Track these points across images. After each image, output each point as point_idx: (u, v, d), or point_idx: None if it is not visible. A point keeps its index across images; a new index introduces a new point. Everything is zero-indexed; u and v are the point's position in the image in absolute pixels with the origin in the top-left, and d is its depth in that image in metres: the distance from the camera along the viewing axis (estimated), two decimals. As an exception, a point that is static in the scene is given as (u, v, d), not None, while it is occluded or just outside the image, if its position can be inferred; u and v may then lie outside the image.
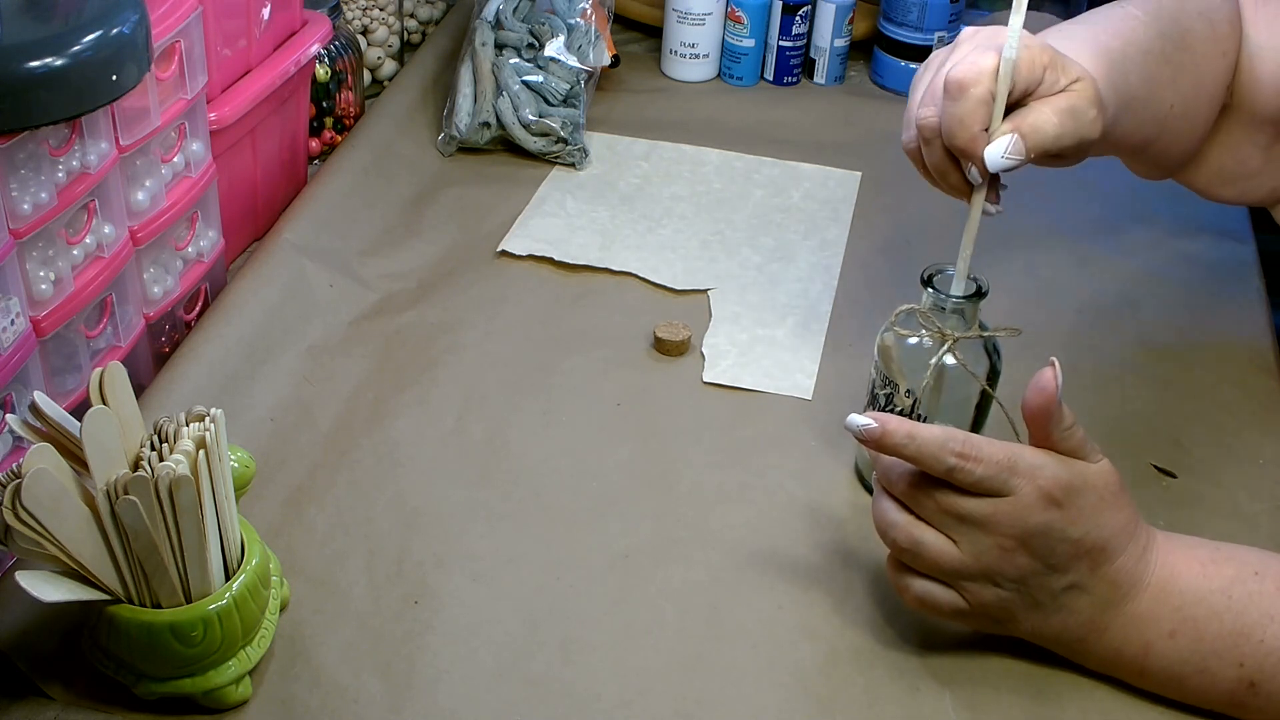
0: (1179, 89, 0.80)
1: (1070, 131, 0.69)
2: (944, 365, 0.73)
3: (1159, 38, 0.79)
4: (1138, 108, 0.77)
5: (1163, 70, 0.79)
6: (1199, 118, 0.83)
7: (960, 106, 0.68)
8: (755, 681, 0.69)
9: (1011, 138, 0.67)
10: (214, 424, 0.63)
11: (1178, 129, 0.82)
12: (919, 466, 0.64)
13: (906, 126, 0.73)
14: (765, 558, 0.76)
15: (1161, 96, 0.79)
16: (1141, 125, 0.79)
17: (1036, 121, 0.68)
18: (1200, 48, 0.81)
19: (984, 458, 0.63)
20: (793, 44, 1.30)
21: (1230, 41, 0.83)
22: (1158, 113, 0.79)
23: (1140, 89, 0.77)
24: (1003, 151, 0.68)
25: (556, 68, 1.14)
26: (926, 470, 0.64)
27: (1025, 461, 0.63)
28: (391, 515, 0.78)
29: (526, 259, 1.02)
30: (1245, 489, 0.82)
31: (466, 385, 0.89)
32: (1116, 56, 0.75)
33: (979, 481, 0.63)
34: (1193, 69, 0.81)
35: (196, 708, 0.65)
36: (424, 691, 0.67)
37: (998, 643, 0.71)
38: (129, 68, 0.69)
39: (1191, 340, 0.96)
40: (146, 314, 0.86)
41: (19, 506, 0.57)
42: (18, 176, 0.69)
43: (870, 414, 0.65)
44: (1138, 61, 0.77)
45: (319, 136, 1.15)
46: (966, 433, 0.64)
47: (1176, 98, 0.80)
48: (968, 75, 0.68)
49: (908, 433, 0.63)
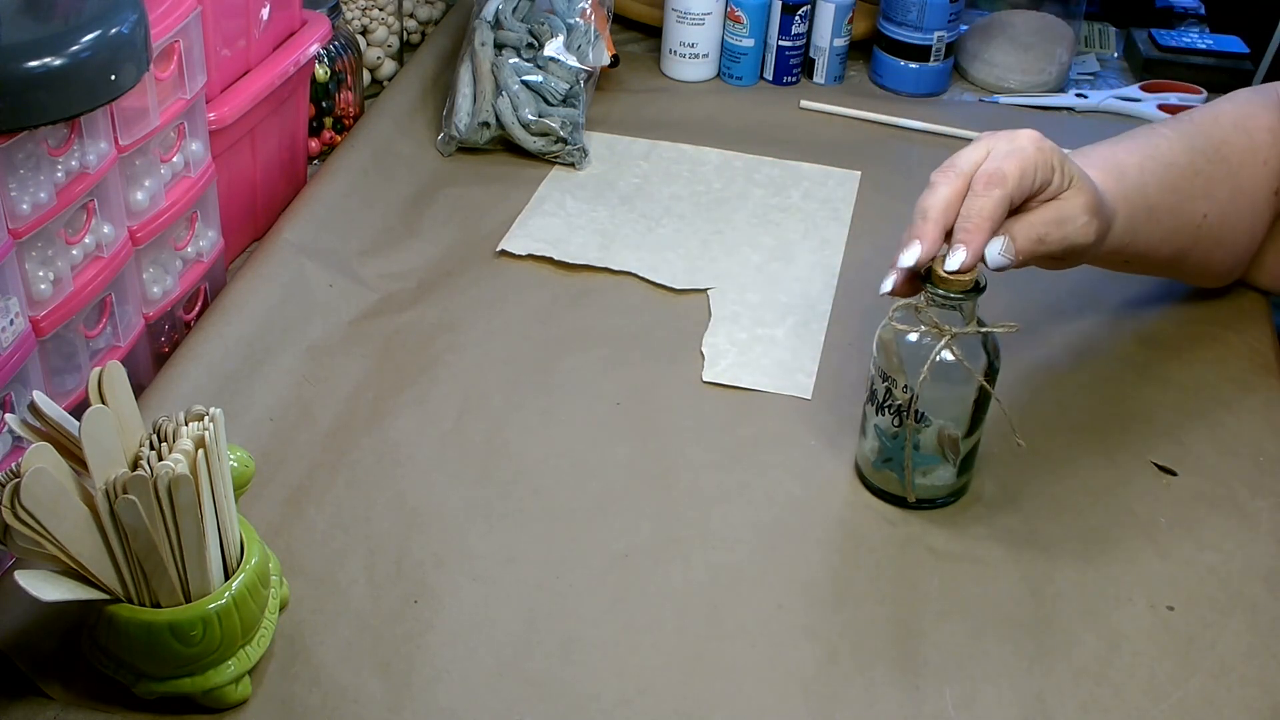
0: (1213, 199, 0.85)
1: (1057, 239, 0.74)
2: (942, 361, 0.73)
3: (1187, 152, 0.84)
4: (1162, 217, 0.83)
5: (1192, 183, 0.84)
6: (1241, 225, 0.88)
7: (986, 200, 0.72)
8: (755, 681, 0.69)
9: (1004, 239, 0.72)
10: (213, 423, 0.63)
11: (1217, 237, 0.87)
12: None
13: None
14: (765, 557, 0.76)
15: (1191, 208, 0.84)
16: (1171, 234, 0.84)
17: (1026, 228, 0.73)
18: (1237, 158, 0.86)
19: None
20: (792, 44, 1.30)
21: (1271, 150, 0.88)
22: (1189, 222, 0.85)
23: (1163, 199, 0.82)
24: (999, 250, 0.72)
25: (556, 67, 1.14)
26: None
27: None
28: (391, 515, 0.78)
29: (526, 259, 1.02)
30: (1246, 486, 0.82)
31: (466, 385, 0.89)
32: (1131, 170, 0.81)
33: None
34: (1228, 179, 0.86)
35: (196, 707, 0.65)
36: (424, 691, 0.67)
37: (998, 641, 0.71)
38: (128, 67, 0.69)
39: (1192, 339, 0.96)
40: (146, 314, 0.86)
41: (18, 506, 0.57)
42: (17, 176, 0.69)
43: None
44: (1158, 175, 0.82)
45: (318, 136, 1.15)
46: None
47: (1210, 208, 0.85)
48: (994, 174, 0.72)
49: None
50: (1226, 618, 0.73)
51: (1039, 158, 0.72)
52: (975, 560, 0.76)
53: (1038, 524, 0.79)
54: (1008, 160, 0.72)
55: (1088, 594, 0.74)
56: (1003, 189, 0.71)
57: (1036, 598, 0.74)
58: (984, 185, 0.72)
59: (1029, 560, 0.76)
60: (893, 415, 0.76)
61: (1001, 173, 0.71)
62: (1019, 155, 0.72)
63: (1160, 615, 0.73)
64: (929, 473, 0.78)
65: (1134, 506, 0.81)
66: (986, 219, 0.71)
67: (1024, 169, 0.72)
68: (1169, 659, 0.71)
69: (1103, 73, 1.40)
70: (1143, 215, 0.81)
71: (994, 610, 0.73)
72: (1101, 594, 0.74)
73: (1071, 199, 0.74)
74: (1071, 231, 0.74)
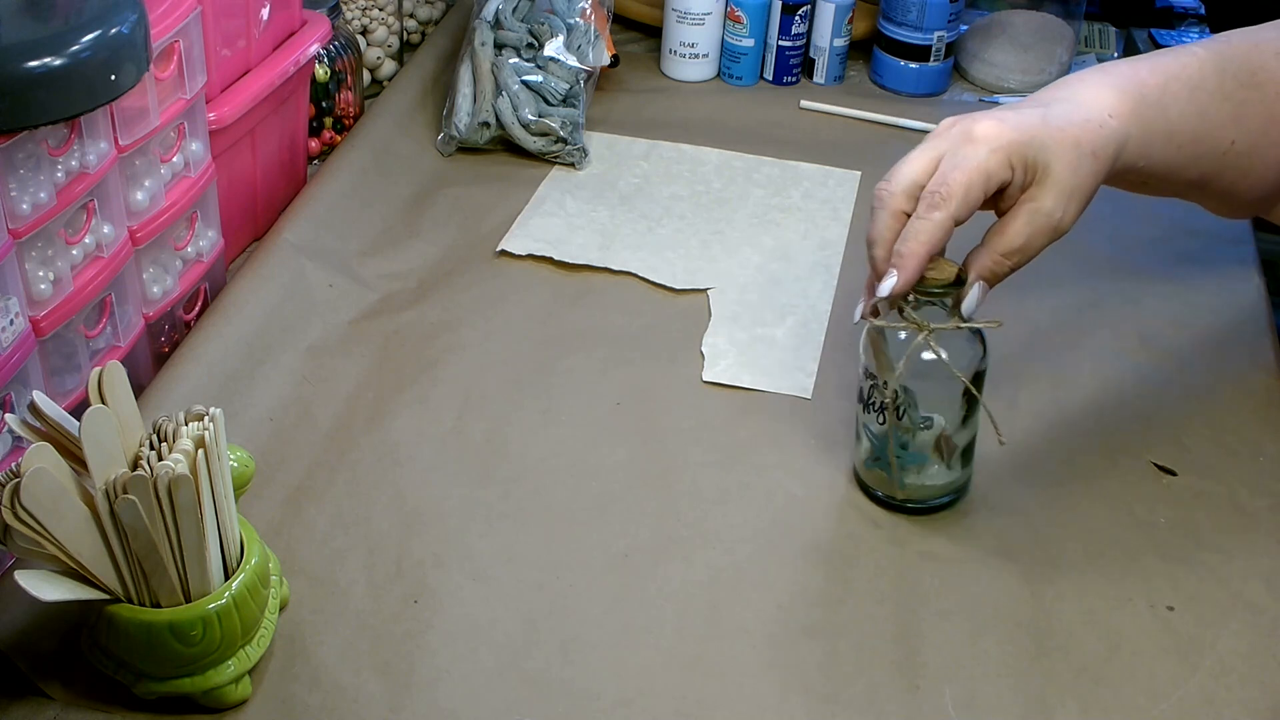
0: (1243, 126, 0.81)
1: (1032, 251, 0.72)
2: (924, 358, 0.73)
3: (1217, 74, 0.80)
4: (1184, 141, 0.79)
5: (1221, 107, 0.80)
6: (1272, 156, 0.83)
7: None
8: (755, 681, 0.69)
9: (978, 287, 0.72)
10: (213, 423, 0.63)
11: (1244, 166, 0.83)
12: None
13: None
14: (765, 557, 0.76)
15: (1219, 134, 0.81)
16: (1194, 159, 0.80)
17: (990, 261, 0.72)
18: (1274, 86, 0.82)
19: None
20: (792, 44, 1.30)
21: None
22: (1214, 148, 0.81)
23: (1186, 123, 0.79)
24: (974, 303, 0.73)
25: (556, 67, 1.14)
26: None
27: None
28: (391, 515, 0.78)
29: (526, 259, 1.02)
30: (1246, 486, 0.82)
31: (466, 385, 0.89)
32: (1152, 90, 0.78)
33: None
34: (1261, 107, 0.82)
35: (196, 707, 0.65)
36: (424, 691, 0.67)
37: (998, 641, 0.71)
38: (128, 67, 0.69)
39: (1191, 339, 0.96)
40: (146, 314, 0.86)
41: (18, 506, 0.57)
42: (17, 176, 0.69)
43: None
44: (1183, 97, 0.79)
45: (318, 136, 1.15)
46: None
47: (1239, 133, 0.81)
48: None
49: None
50: (1226, 618, 0.73)
51: (992, 160, 0.70)
52: (975, 560, 0.76)
53: (1038, 524, 0.79)
54: (955, 173, 0.70)
55: (1088, 594, 0.74)
56: (944, 211, 0.69)
57: (1036, 598, 0.74)
58: (926, 207, 0.70)
59: (1029, 560, 0.76)
60: (878, 413, 0.76)
61: (945, 193, 0.70)
62: (966, 167, 0.70)
63: (1160, 615, 0.73)
64: (921, 471, 0.78)
65: (1134, 506, 0.81)
66: (923, 244, 0.70)
67: (970, 183, 0.69)
68: (1169, 659, 0.71)
69: (1103, 73, 1.40)
70: (1161, 137, 0.78)
71: (994, 610, 0.73)
72: (1101, 594, 0.74)
73: (1040, 195, 0.71)
74: (1042, 233, 0.72)
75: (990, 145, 0.70)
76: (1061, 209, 0.72)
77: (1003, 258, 0.72)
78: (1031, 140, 0.71)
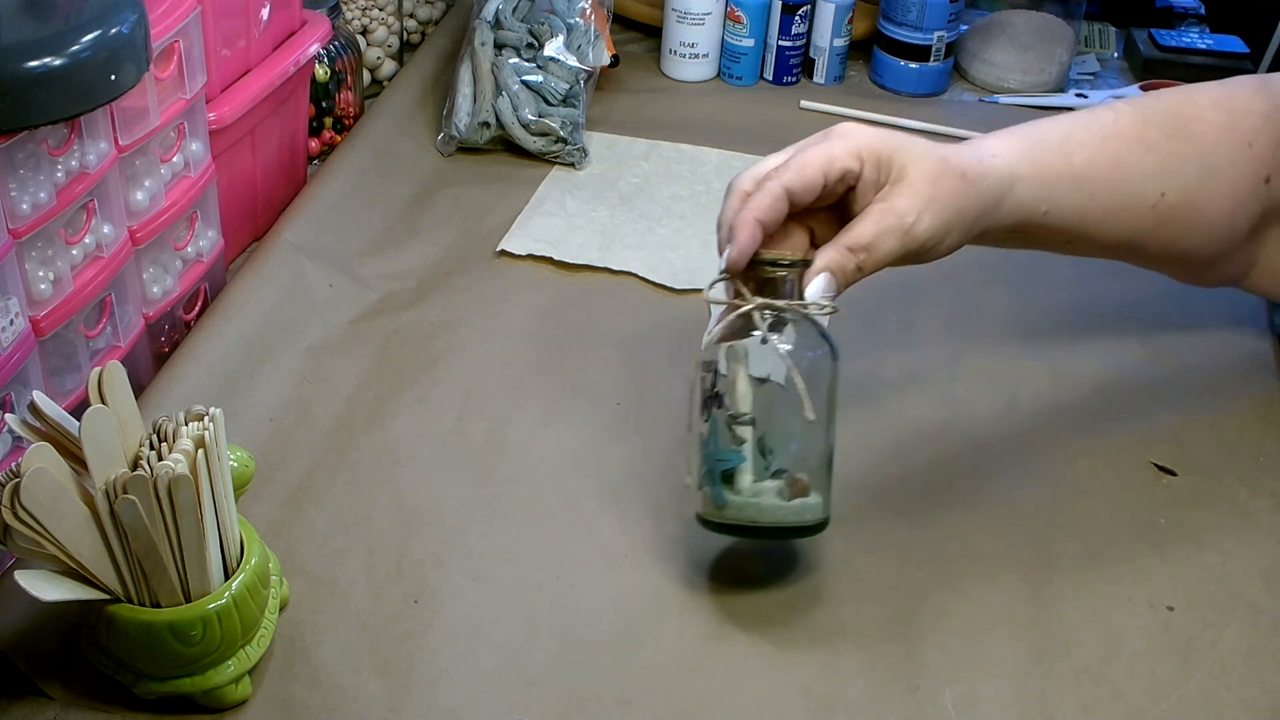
0: (1174, 178, 0.79)
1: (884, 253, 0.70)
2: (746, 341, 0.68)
3: (1139, 125, 0.79)
4: (1098, 190, 0.76)
5: (1143, 157, 0.78)
6: (1216, 210, 0.80)
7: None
8: (755, 681, 0.69)
9: (825, 277, 0.69)
10: (213, 423, 0.63)
11: (1184, 221, 0.80)
12: None
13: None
14: (765, 557, 0.76)
15: (1142, 185, 0.78)
16: (1115, 212, 0.78)
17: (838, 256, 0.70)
18: (1211, 137, 0.80)
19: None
20: (792, 44, 1.30)
21: (1259, 134, 0.80)
22: (1138, 200, 0.78)
23: (1098, 171, 0.76)
24: (821, 290, 0.69)
25: (556, 67, 1.14)
26: None
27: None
28: (391, 514, 0.78)
29: (526, 259, 1.02)
30: (1246, 486, 0.82)
31: (466, 385, 0.89)
32: (1052, 137, 0.76)
33: None
34: (1196, 159, 0.79)
35: (196, 707, 0.65)
36: (424, 691, 0.67)
37: (998, 641, 0.71)
38: (128, 67, 0.69)
39: (1191, 339, 0.96)
40: (146, 314, 0.86)
41: (18, 506, 0.57)
42: (17, 176, 0.69)
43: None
44: (1091, 144, 0.77)
45: (318, 136, 1.15)
46: None
47: (1170, 186, 0.78)
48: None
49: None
50: (1226, 618, 0.73)
51: (838, 147, 0.69)
52: (975, 560, 0.76)
53: (1037, 524, 0.79)
54: (797, 157, 0.70)
55: (1088, 594, 0.74)
56: (776, 180, 0.69)
57: (1036, 598, 0.74)
58: (755, 182, 0.70)
59: (1029, 560, 0.76)
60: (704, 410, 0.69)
61: (782, 168, 0.70)
62: (810, 151, 0.70)
63: (1160, 615, 0.73)
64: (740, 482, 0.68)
65: (1134, 506, 0.81)
66: (751, 210, 0.69)
67: (809, 161, 0.69)
68: (1169, 659, 0.71)
69: (1103, 73, 1.40)
70: (1067, 183, 0.76)
71: (994, 610, 0.73)
72: (1101, 594, 0.74)
73: (893, 195, 0.70)
74: (891, 233, 0.70)
75: (842, 137, 0.70)
76: (915, 213, 0.70)
77: (850, 252, 0.70)
78: (888, 143, 0.71)
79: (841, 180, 0.70)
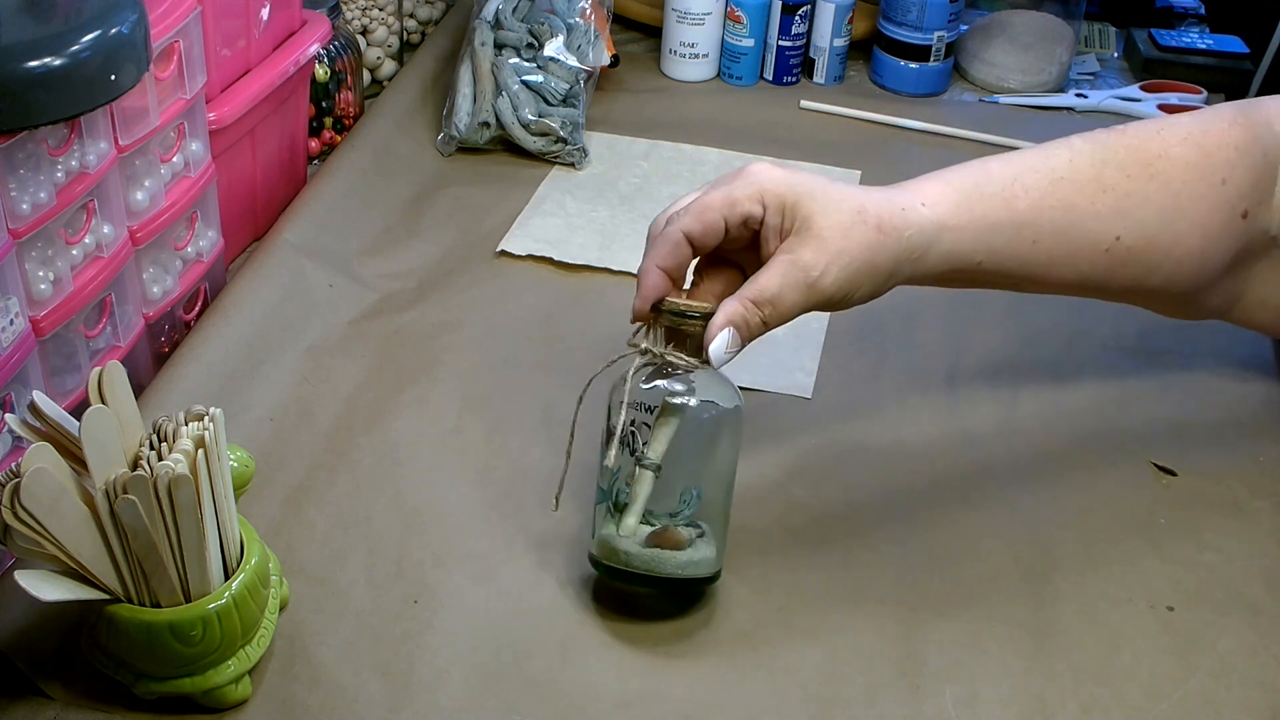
0: (1132, 219, 0.75)
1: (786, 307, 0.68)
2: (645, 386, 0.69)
3: (1098, 165, 0.75)
4: (1043, 236, 0.73)
5: (1096, 200, 0.74)
6: (1184, 249, 0.76)
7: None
8: (755, 681, 0.69)
9: (728, 332, 0.68)
10: (213, 423, 0.63)
11: (1147, 262, 0.76)
12: None
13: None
14: (764, 557, 0.76)
15: (1094, 227, 0.75)
16: (1069, 256, 0.75)
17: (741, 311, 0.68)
18: (1179, 174, 0.76)
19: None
20: (792, 44, 1.30)
21: (1235, 169, 0.76)
22: (1090, 244, 0.75)
23: (1043, 215, 0.73)
24: (724, 348, 0.68)
25: (556, 67, 1.14)
26: None
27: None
28: (391, 515, 0.78)
29: (526, 259, 1.02)
30: (1245, 486, 0.82)
31: (466, 385, 0.89)
32: (995, 183, 0.73)
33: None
34: (1160, 198, 0.75)
35: (196, 707, 0.65)
36: (424, 691, 0.67)
37: (998, 641, 0.71)
38: (128, 67, 0.69)
39: (1191, 340, 0.96)
40: (146, 314, 0.86)
41: (18, 506, 0.57)
42: (17, 176, 0.69)
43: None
44: (1039, 189, 0.73)
45: (318, 136, 1.15)
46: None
47: (1127, 229, 0.75)
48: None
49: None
50: (1226, 618, 0.73)
51: (741, 189, 0.68)
52: (975, 560, 0.76)
53: (1038, 524, 0.79)
54: (699, 200, 0.69)
55: (1088, 594, 0.74)
56: (675, 224, 0.68)
57: (1036, 598, 0.74)
58: (663, 224, 0.70)
59: (1029, 560, 0.76)
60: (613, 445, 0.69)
61: (684, 211, 0.69)
62: (714, 195, 0.68)
63: (1160, 615, 0.73)
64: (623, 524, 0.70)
65: (1134, 506, 0.81)
66: (649, 259, 0.69)
67: (709, 204, 0.68)
68: (1169, 659, 0.71)
69: (1103, 73, 1.40)
70: (1005, 232, 0.72)
71: (994, 610, 0.73)
72: (1101, 594, 0.74)
73: (798, 247, 0.68)
74: (795, 287, 0.68)
75: (748, 180, 0.69)
76: (821, 267, 0.67)
77: (754, 305, 0.68)
78: (797, 189, 0.68)
79: (744, 225, 0.69)
